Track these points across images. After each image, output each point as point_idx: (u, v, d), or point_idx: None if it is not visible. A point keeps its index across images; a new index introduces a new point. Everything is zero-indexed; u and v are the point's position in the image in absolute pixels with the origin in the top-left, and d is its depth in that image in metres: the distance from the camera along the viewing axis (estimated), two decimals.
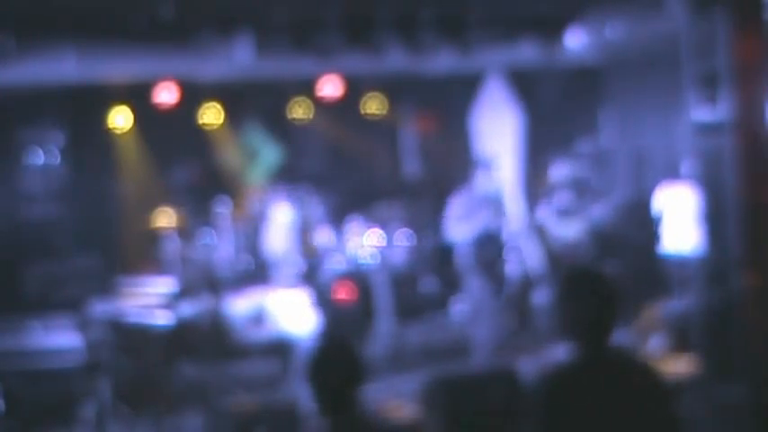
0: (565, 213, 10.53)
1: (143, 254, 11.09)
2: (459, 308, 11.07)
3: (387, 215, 11.88)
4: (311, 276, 10.53)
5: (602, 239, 10.64)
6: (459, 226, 9.37)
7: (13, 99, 10.04)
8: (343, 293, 10.51)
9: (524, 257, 10.39)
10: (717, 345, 7.14)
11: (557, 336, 4.01)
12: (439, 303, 11.51)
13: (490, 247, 9.36)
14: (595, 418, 3.78)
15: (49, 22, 8.16)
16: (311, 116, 12.45)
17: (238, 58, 9.15)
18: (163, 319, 9.06)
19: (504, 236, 9.53)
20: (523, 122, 12.25)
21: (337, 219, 11.33)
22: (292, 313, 9.38)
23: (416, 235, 11.70)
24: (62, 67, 9.29)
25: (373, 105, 12.86)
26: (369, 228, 11.03)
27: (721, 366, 7.06)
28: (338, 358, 3.92)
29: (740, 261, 7.00)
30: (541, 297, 10.37)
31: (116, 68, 9.95)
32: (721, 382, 7.00)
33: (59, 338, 8.81)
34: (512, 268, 9.76)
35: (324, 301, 10.09)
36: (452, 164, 12.36)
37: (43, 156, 11.16)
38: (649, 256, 10.28)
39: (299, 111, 12.40)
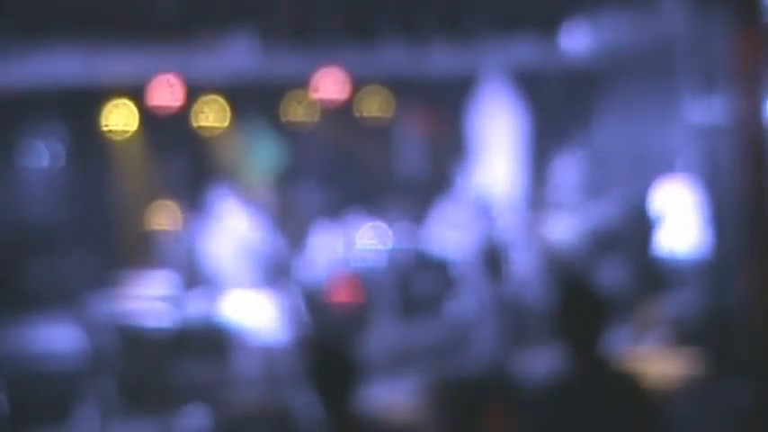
0: (564, 213, 10.54)
1: (142, 252, 11.08)
2: (460, 308, 11.07)
3: (386, 214, 11.88)
4: (303, 274, 10.52)
5: (602, 239, 10.64)
6: (454, 228, 9.38)
7: (13, 99, 10.03)
8: (342, 292, 10.51)
9: (523, 258, 10.40)
10: (717, 344, 7.14)
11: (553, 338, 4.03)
12: (439, 303, 11.50)
13: (490, 248, 9.37)
14: (586, 425, 3.81)
15: (50, 22, 8.17)
16: (312, 114, 12.45)
17: (239, 57, 9.16)
18: (163, 318, 9.07)
19: (504, 236, 9.54)
20: (522, 122, 12.25)
21: (336, 217, 11.33)
22: (281, 311, 9.41)
23: (415, 234, 11.69)
24: (62, 66, 9.29)
25: (374, 104, 12.86)
26: (367, 227, 11.04)
27: (721, 366, 7.06)
28: (336, 359, 3.93)
29: (740, 260, 7.01)
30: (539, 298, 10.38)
31: (116, 68, 9.96)
32: (721, 382, 7.00)
33: (60, 338, 8.81)
34: (511, 269, 9.77)
35: (319, 300, 10.10)
36: (452, 163, 12.35)
37: (43, 155, 11.16)
38: (648, 255, 10.28)
39: (300, 109, 12.40)
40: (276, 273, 10.52)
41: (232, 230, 10.97)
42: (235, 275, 10.36)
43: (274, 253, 10.74)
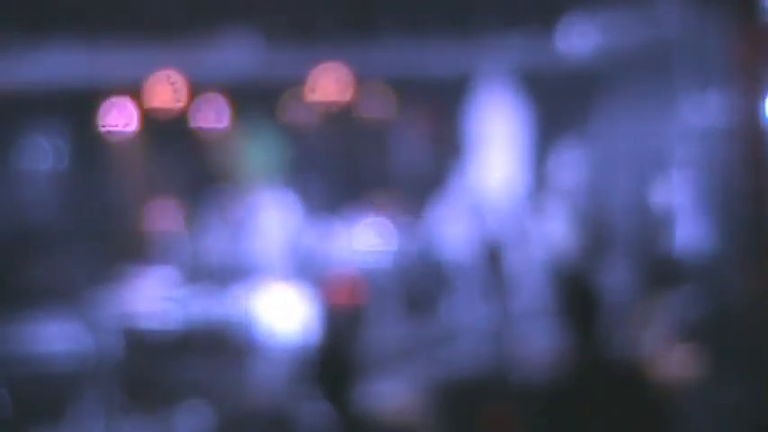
0: (563, 212, 10.54)
1: (144, 252, 11.09)
2: (459, 307, 11.08)
3: (386, 213, 11.89)
4: (306, 273, 10.53)
5: (600, 238, 10.65)
6: (453, 227, 9.39)
7: (13, 99, 10.04)
8: (343, 292, 10.52)
9: (523, 257, 10.41)
10: (717, 343, 7.15)
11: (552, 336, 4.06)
12: (439, 303, 11.51)
13: (490, 247, 9.38)
14: (586, 424, 3.83)
15: (50, 20, 8.17)
16: (312, 113, 12.45)
17: (239, 57, 9.16)
18: (166, 317, 9.07)
19: (504, 235, 9.55)
20: (522, 121, 12.25)
21: (335, 217, 11.34)
22: (282, 311, 9.41)
23: (416, 234, 11.70)
24: (63, 65, 9.30)
25: (375, 102, 12.87)
26: (368, 226, 11.04)
27: (721, 365, 7.07)
28: (336, 358, 3.94)
29: (740, 260, 7.02)
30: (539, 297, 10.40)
31: (117, 66, 9.97)
32: (721, 381, 7.01)
33: (61, 338, 8.82)
34: (511, 268, 9.78)
35: (320, 298, 10.11)
36: (452, 162, 12.37)
37: (43, 155, 11.17)
38: (648, 254, 10.30)
39: (300, 108, 12.40)
40: (279, 271, 10.54)
41: (235, 228, 11.00)
42: (237, 274, 10.39)
43: (277, 251, 10.76)
